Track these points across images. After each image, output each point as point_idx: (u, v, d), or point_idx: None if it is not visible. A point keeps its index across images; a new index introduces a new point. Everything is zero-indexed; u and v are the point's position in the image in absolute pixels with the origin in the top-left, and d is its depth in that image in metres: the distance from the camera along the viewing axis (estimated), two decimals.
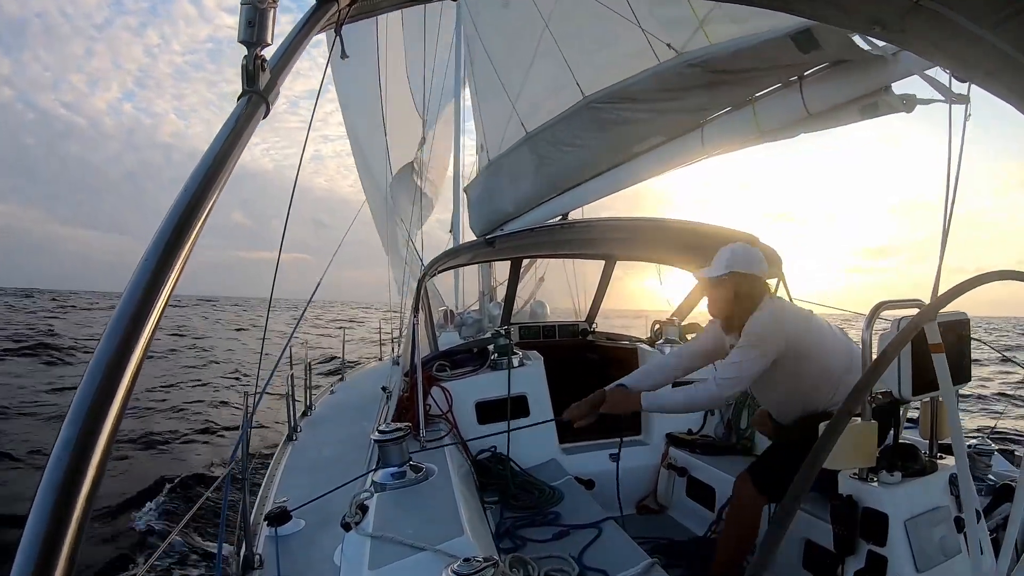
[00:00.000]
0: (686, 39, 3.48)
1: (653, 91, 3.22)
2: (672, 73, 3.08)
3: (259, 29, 0.81)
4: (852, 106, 2.67)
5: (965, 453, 1.27)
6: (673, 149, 3.55)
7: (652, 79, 3.19)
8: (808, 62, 2.67)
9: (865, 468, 2.23)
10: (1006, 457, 2.96)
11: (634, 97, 3.34)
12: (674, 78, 3.07)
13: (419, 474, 2.44)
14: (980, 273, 1.25)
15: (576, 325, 5.85)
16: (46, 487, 0.49)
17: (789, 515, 0.88)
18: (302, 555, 2.52)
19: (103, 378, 0.55)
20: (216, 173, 0.71)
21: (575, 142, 3.83)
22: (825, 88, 2.69)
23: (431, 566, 1.67)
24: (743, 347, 2.66)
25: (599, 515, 2.98)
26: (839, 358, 2.68)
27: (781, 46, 2.54)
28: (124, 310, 0.59)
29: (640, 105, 3.34)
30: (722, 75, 2.94)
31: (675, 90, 3.13)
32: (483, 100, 5.71)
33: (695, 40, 3.50)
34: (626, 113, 3.42)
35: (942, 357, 1.30)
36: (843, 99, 2.67)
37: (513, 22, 4.87)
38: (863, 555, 2.17)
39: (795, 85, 2.82)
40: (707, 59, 2.89)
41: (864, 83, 2.55)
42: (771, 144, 3.24)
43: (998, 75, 1.21)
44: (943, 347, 1.30)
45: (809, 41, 2.42)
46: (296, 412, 4.95)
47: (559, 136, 3.92)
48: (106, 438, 0.53)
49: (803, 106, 2.79)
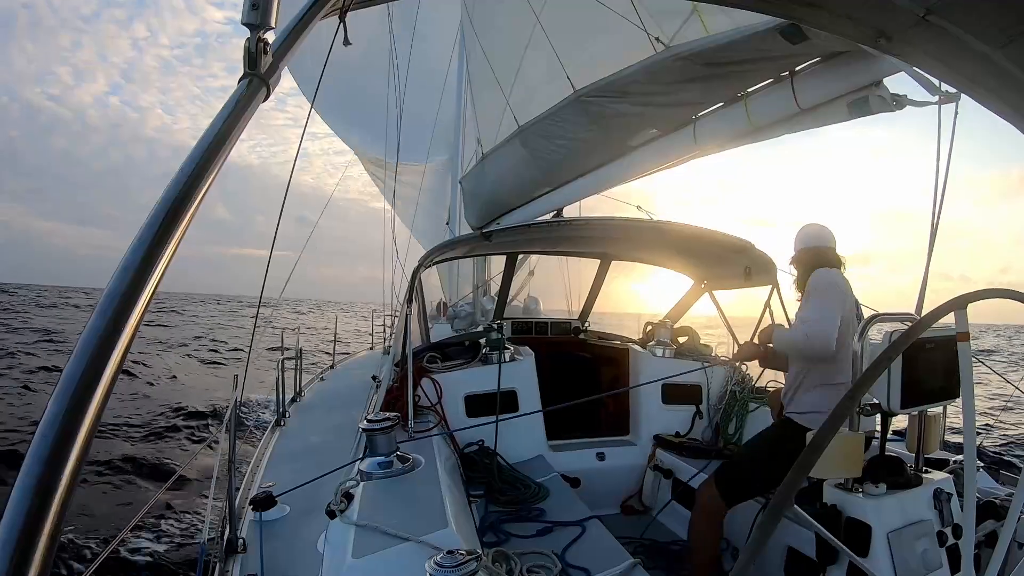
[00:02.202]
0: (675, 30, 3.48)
1: (643, 84, 3.20)
2: (662, 67, 3.06)
3: (263, 12, 0.80)
4: (842, 101, 2.69)
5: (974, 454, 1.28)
6: (666, 145, 3.55)
7: (642, 72, 3.17)
8: (799, 54, 2.67)
9: (850, 478, 2.25)
10: (990, 474, 2.98)
11: (624, 90, 3.32)
12: (664, 72, 3.06)
13: (406, 464, 2.44)
14: (975, 290, 1.25)
15: (569, 323, 5.85)
16: (32, 461, 0.49)
17: (775, 520, 0.88)
18: (286, 541, 2.52)
19: (94, 351, 0.54)
20: (214, 154, 0.70)
21: (566, 135, 3.81)
22: (816, 82, 2.71)
23: (414, 557, 1.67)
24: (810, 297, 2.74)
25: (583, 513, 2.99)
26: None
27: (770, 40, 2.55)
28: (117, 286, 0.58)
29: (630, 98, 3.33)
30: (713, 68, 2.93)
31: (666, 83, 3.12)
32: (478, 92, 5.69)
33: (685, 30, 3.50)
34: (616, 106, 3.40)
35: (966, 345, 1.30)
36: (834, 94, 2.69)
37: (506, 13, 4.84)
38: (844, 565, 2.18)
39: (786, 80, 2.83)
40: (697, 52, 2.88)
41: (855, 78, 2.56)
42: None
43: (1002, 94, 1.21)
44: (968, 336, 1.30)
45: (797, 34, 2.43)
46: (285, 397, 4.95)
47: (549, 130, 3.90)
48: (93, 415, 0.52)
49: (794, 101, 2.80)
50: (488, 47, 5.10)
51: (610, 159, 3.88)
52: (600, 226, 4.65)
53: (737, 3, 1.40)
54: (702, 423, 4.30)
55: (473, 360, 4.20)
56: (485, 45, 5.13)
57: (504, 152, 4.45)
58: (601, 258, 5.67)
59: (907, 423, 2.50)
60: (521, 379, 4.07)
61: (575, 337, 5.67)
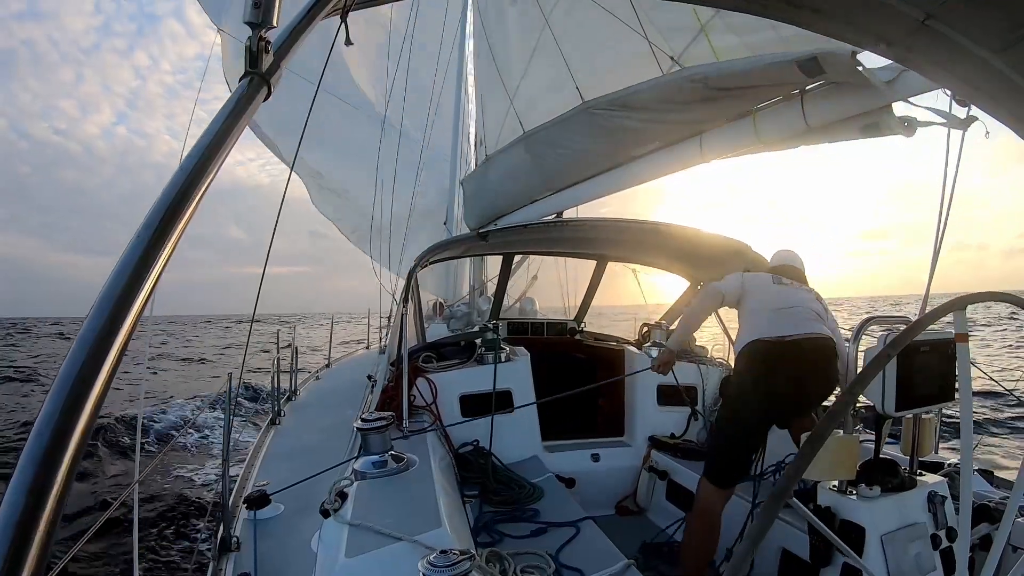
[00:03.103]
0: (684, 46, 3.49)
1: (653, 101, 3.22)
2: (673, 87, 3.08)
3: (265, 10, 0.80)
4: (852, 123, 2.70)
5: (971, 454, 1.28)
6: (671, 155, 3.56)
7: (653, 90, 3.18)
8: (810, 80, 2.69)
9: (844, 481, 2.25)
10: (985, 477, 2.99)
11: (633, 106, 3.33)
12: (675, 92, 3.08)
13: (400, 464, 2.43)
14: (967, 294, 1.25)
15: (565, 323, 5.85)
16: (26, 460, 0.49)
17: (770, 517, 0.88)
18: (279, 539, 2.52)
19: (92, 347, 0.54)
20: (214, 152, 0.70)
21: (571, 145, 3.83)
22: (826, 104, 2.71)
23: (408, 556, 1.67)
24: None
25: (578, 514, 2.99)
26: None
27: (787, 70, 2.56)
28: (114, 286, 0.57)
29: (639, 114, 3.34)
30: (724, 91, 2.95)
31: (676, 102, 3.14)
32: (483, 94, 5.71)
33: (694, 48, 3.51)
34: (624, 121, 3.42)
35: (965, 347, 1.30)
36: (843, 115, 2.70)
37: (515, 19, 4.86)
38: (839, 566, 2.19)
39: (796, 99, 2.83)
40: (709, 76, 2.90)
41: (864, 102, 2.57)
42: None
43: (1001, 99, 1.21)
44: (967, 336, 1.30)
45: (815, 69, 2.45)
46: (280, 396, 4.94)
47: (555, 138, 3.92)
48: (88, 414, 0.52)
49: (803, 120, 2.81)
50: (495, 50, 5.13)
51: (613, 166, 3.90)
52: (597, 227, 4.64)
53: (736, 6, 1.40)
54: (697, 424, 4.30)
55: (469, 360, 4.19)
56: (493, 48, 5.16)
57: (508, 155, 4.46)
58: (598, 259, 5.67)
59: (902, 426, 2.51)
60: (516, 379, 4.07)
61: (571, 338, 5.67)
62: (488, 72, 5.36)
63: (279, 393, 4.91)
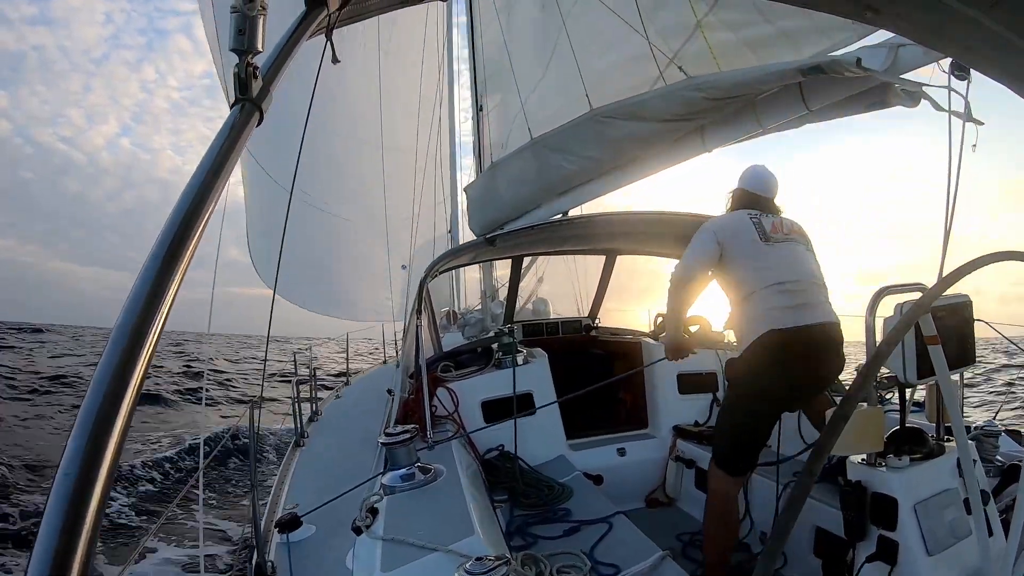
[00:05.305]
0: (680, 44, 3.52)
1: (661, 111, 3.28)
2: (679, 97, 3.13)
3: (249, 37, 0.81)
4: (854, 101, 2.74)
5: (966, 439, 1.27)
6: (675, 148, 3.61)
7: (659, 100, 3.25)
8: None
9: (873, 453, 2.23)
10: (1013, 438, 2.96)
11: (642, 116, 3.39)
12: (683, 103, 3.13)
13: (428, 475, 2.44)
14: (982, 255, 1.24)
15: (579, 321, 5.84)
16: (56, 499, 0.49)
17: (800, 500, 0.88)
18: (314, 560, 2.52)
19: (111, 383, 0.55)
20: (212, 182, 0.71)
21: (578, 152, 3.88)
22: (824, 89, 2.76)
23: (443, 567, 1.67)
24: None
25: (609, 510, 2.98)
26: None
27: (790, 77, 2.61)
28: (128, 318, 0.58)
29: (647, 124, 3.40)
30: (730, 99, 3.01)
31: (683, 109, 3.20)
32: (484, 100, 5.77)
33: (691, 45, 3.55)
34: (631, 126, 3.47)
35: (938, 349, 1.30)
36: (843, 95, 2.72)
37: (519, 26, 4.90)
38: (873, 540, 2.17)
39: (795, 87, 2.87)
40: (718, 86, 2.94)
41: (862, 83, 2.60)
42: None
43: (994, 58, 1.20)
44: (939, 339, 1.30)
45: (819, 75, 2.49)
46: (303, 418, 4.96)
47: (562, 145, 3.97)
48: (114, 446, 0.53)
49: (803, 104, 2.85)
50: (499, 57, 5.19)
51: (619, 167, 3.94)
52: (604, 222, 4.64)
53: None
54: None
55: (487, 366, 4.20)
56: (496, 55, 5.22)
57: (514, 162, 4.50)
58: (607, 254, 5.66)
59: (925, 393, 2.49)
60: (536, 381, 4.07)
61: (586, 335, 5.66)
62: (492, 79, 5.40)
63: (301, 415, 4.93)
